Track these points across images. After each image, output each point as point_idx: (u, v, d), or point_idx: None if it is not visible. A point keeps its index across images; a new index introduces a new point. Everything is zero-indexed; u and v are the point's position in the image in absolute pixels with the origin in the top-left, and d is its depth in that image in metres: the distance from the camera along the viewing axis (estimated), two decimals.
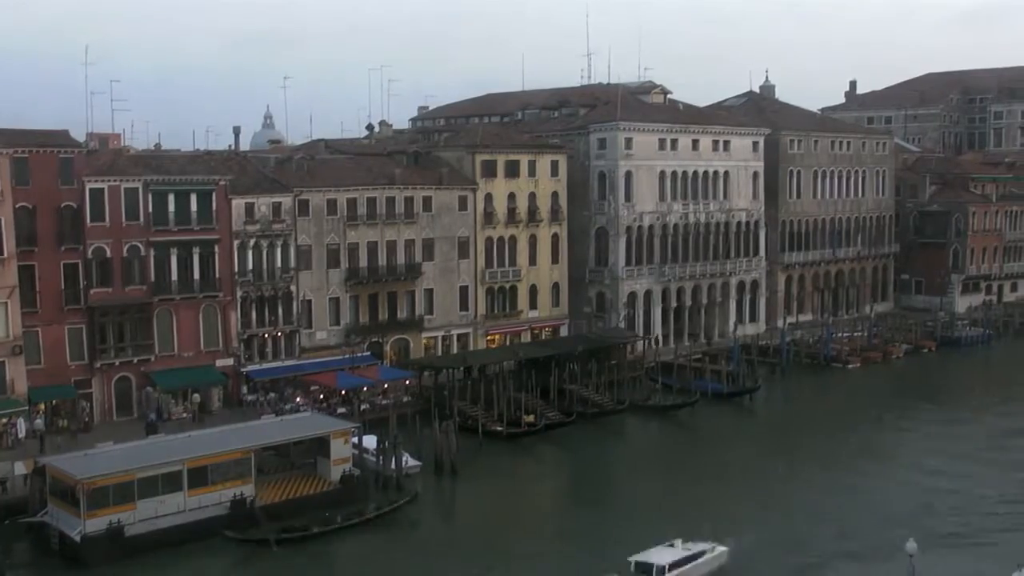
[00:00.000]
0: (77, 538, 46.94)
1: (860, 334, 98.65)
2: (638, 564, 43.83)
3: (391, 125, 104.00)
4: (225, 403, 68.63)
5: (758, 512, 53.81)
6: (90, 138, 72.27)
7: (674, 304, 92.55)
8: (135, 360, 65.80)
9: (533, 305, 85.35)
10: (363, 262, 75.49)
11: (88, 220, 64.02)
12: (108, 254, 64.76)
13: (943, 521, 51.88)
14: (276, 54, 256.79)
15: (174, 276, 67.07)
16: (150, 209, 66.02)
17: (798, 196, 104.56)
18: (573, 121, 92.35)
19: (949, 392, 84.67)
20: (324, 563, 48.48)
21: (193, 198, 67.77)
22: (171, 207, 66.88)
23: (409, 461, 58.96)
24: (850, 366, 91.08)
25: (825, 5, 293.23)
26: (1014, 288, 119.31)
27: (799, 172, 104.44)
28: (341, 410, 67.43)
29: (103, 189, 64.62)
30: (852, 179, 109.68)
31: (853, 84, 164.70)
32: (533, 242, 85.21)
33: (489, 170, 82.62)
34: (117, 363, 65.28)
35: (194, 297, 67.87)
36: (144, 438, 57.88)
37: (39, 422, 61.34)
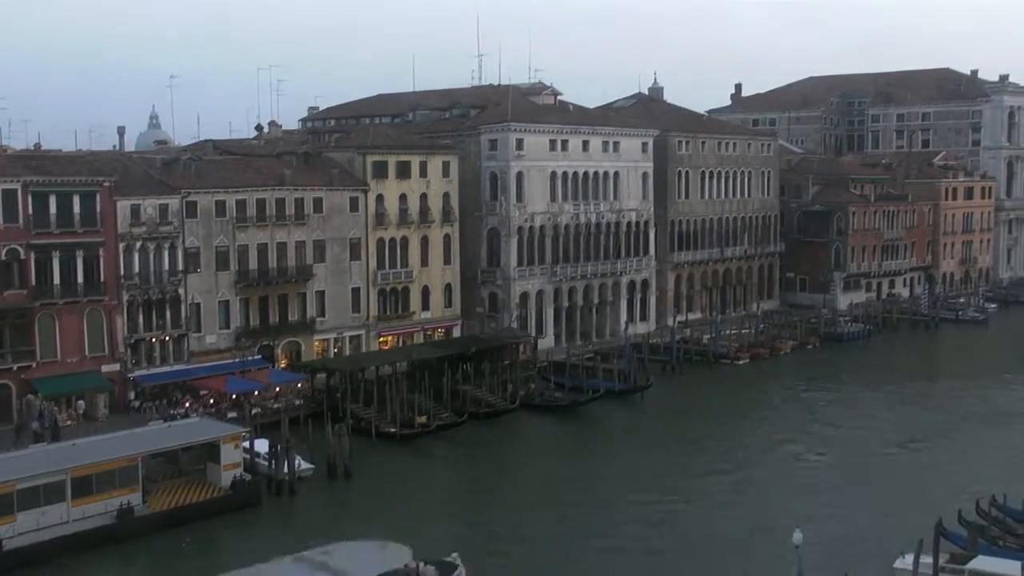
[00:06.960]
0: None
1: (748, 331, 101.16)
2: None
3: (280, 126, 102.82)
4: (112, 409, 66.99)
5: (650, 506, 54.76)
6: None
7: (566, 304, 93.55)
8: (15, 367, 63.82)
9: (426, 306, 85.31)
10: (253, 264, 74.47)
11: None
12: None
13: (826, 510, 53.18)
14: (161, 53, 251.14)
15: (56, 280, 65.29)
16: (30, 211, 64.15)
17: (686, 196, 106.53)
18: (464, 122, 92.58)
19: (832, 381, 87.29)
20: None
21: (76, 199, 66.08)
22: (53, 209, 65.13)
23: (302, 464, 58.45)
24: (739, 362, 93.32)
25: (711, 9, 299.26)
26: (892, 285, 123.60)
27: (687, 173, 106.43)
28: (232, 414, 66.46)
29: None
30: (738, 179, 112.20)
31: (739, 87, 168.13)
32: (425, 243, 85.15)
33: (380, 171, 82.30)
34: None
35: (78, 301, 66.12)
36: (26, 448, 56.12)
37: None
